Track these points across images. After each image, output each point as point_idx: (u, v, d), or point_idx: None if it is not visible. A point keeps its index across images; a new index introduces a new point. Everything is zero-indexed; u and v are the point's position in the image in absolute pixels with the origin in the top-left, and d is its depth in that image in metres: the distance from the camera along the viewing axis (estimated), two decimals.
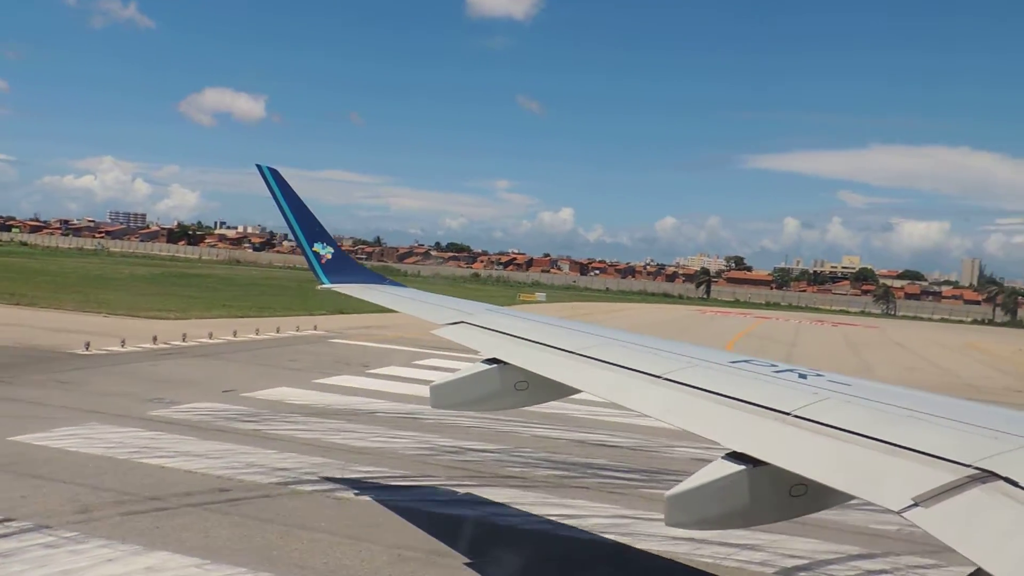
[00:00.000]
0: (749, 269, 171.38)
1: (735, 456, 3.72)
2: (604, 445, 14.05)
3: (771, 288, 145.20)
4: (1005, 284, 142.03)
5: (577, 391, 5.43)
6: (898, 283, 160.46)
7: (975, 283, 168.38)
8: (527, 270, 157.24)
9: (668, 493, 3.78)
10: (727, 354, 5.37)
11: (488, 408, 6.66)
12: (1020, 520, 2.60)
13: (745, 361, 5.05)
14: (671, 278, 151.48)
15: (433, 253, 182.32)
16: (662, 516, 3.92)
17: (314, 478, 10.56)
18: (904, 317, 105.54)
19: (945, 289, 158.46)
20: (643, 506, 10.35)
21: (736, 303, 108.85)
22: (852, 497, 3.31)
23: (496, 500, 10.21)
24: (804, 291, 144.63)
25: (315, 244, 9.39)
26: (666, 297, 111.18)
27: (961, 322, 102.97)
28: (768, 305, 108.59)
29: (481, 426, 14.65)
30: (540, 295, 78.69)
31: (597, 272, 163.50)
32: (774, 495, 3.71)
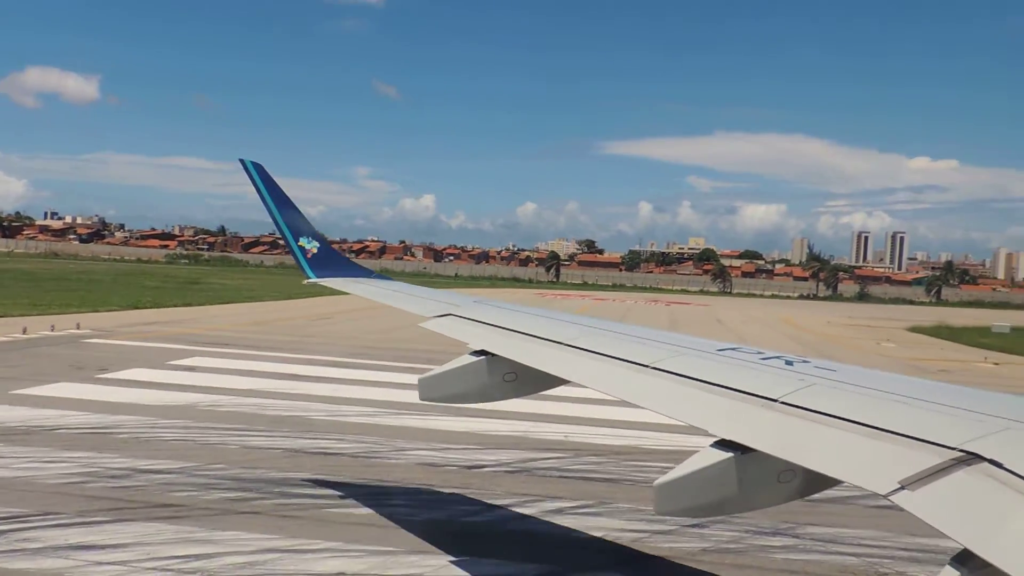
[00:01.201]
0: (601, 252, 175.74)
1: (723, 444, 3.73)
2: (325, 453, 12.37)
3: (620, 270, 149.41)
4: (832, 261, 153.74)
5: (565, 381, 5.44)
6: (737, 262, 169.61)
7: (804, 261, 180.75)
8: (379, 257, 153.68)
9: (656, 482, 3.76)
10: (715, 343, 5.34)
11: (477, 400, 6.50)
12: (1005, 501, 2.64)
13: (732, 349, 5.05)
14: (524, 262, 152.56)
15: (281, 242, 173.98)
16: (330, 544, 3.25)
17: None
18: (739, 294, 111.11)
19: (778, 267, 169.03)
20: (310, 532, 8.72)
21: (584, 286, 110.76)
22: (839, 482, 3.34)
23: (104, 543, 8.18)
24: (651, 272, 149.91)
25: (300, 239, 9.38)
26: (516, 281, 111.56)
27: (789, 297, 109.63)
28: (614, 287, 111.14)
29: (184, 438, 12.61)
30: None
31: (451, 258, 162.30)
32: (762, 481, 3.73)
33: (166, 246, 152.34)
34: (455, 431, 14.09)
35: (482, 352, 6.05)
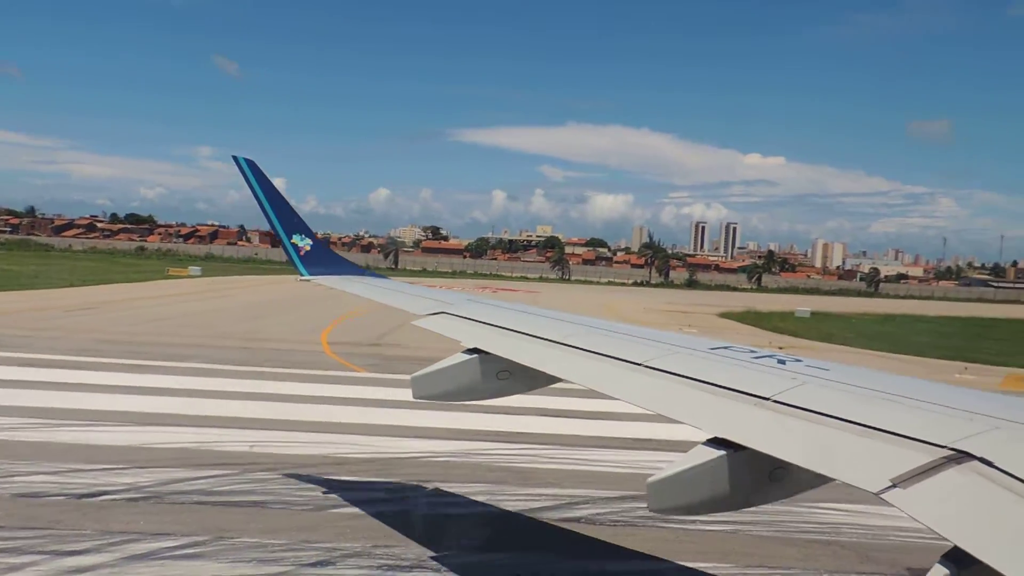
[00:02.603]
0: (446, 239, 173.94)
1: (715, 442, 3.71)
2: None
3: (465, 257, 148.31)
4: (674, 250, 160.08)
5: (558, 380, 5.33)
6: (581, 250, 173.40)
7: (640, 249, 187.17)
8: (210, 242, 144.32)
9: (649, 480, 3.72)
10: (708, 341, 5.36)
11: (470, 398, 6.28)
12: (995, 499, 2.65)
13: (725, 348, 5.06)
14: (366, 248, 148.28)
15: (99, 225, 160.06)
16: None
17: None
18: (576, 281, 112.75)
19: (619, 255, 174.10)
20: None
21: (423, 273, 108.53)
22: (831, 480, 3.31)
23: None
24: (496, 259, 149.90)
25: (293, 236, 9.27)
26: None
27: (623, 284, 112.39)
28: (455, 274, 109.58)
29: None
30: (194, 269, 70.76)
31: None
32: (754, 479, 3.71)
33: None
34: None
35: (475, 350, 5.97)
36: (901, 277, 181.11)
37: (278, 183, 9.81)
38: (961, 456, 2.92)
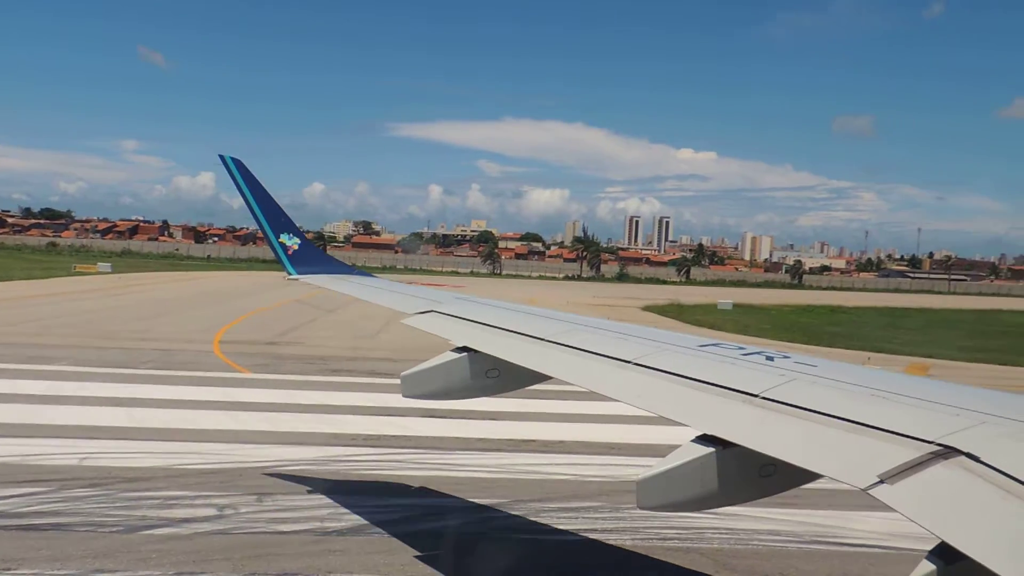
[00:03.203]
0: (377, 234, 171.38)
1: (705, 439, 3.70)
2: None
3: (396, 252, 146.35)
4: (606, 244, 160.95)
5: (548, 377, 5.29)
6: (514, 244, 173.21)
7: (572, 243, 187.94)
8: (130, 238, 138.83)
9: (639, 477, 3.70)
10: (696, 338, 5.30)
11: (459, 396, 6.14)
12: (981, 494, 2.65)
13: (714, 345, 5.03)
14: None
15: (9, 220, 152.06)
16: None
17: None
18: (508, 275, 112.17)
19: (553, 249, 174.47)
20: None
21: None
22: (820, 476, 3.30)
23: None
24: (428, 254, 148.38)
25: (281, 235, 9.21)
26: (272, 264, 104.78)
27: (554, 278, 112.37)
28: (384, 269, 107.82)
29: None
30: (103, 266, 67.47)
31: (215, 239, 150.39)
32: (743, 476, 3.70)
33: None
34: None
35: (464, 348, 5.92)
36: (825, 269, 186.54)
37: (206, 177, 8.92)
38: (948, 452, 2.92)
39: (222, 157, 9.08)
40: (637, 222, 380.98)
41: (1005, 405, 3.43)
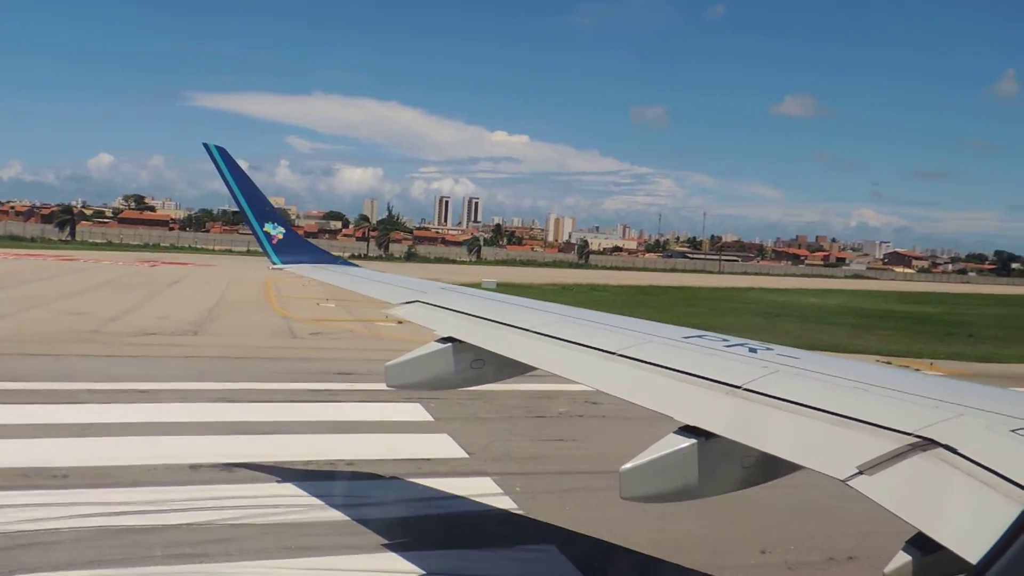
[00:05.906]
0: (152, 209, 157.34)
1: (687, 430, 3.76)
2: None
3: (172, 228, 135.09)
4: (418, 224, 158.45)
5: (533, 368, 5.40)
6: (311, 222, 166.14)
7: (355, 222, 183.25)
8: None
9: (622, 468, 3.69)
10: (681, 330, 5.40)
11: (445, 387, 6.22)
12: (958, 485, 2.71)
13: (698, 336, 5.10)
14: (48, 219, 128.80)
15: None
16: None
17: None
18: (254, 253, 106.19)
19: (347, 229, 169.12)
20: None
21: (107, 246, 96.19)
22: (800, 467, 3.35)
23: None
24: (209, 232, 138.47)
25: (265, 224, 9.27)
26: (12, 240, 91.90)
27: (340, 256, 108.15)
28: (145, 247, 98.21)
29: None
30: None
31: None
32: (725, 467, 3.76)
33: None
34: None
35: (449, 339, 5.94)
36: (616, 250, 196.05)
37: None
38: (927, 443, 2.98)
39: (206, 145, 9.04)
40: (447, 203, 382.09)
41: (984, 397, 3.49)
